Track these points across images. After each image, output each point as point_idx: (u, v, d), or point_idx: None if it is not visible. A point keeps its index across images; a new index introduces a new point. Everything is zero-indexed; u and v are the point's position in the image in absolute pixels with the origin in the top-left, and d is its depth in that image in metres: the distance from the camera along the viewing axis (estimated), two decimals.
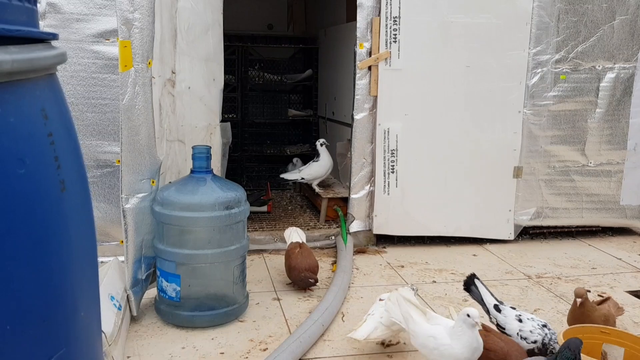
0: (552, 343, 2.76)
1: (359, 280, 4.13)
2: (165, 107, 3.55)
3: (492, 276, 4.21)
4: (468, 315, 2.53)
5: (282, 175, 5.61)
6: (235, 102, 6.50)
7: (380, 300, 3.18)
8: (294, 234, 4.22)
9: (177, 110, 3.75)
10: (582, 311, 3.01)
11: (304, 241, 4.14)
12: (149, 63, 3.28)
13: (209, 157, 3.33)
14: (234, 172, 6.38)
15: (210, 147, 3.38)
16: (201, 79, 4.04)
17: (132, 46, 3.18)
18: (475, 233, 4.96)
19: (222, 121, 4.46)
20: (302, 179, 5.49)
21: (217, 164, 4.39)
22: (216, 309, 3.31)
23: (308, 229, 5.04)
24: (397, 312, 2.80)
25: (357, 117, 4.71)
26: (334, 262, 4.43)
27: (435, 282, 4.12)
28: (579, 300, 2.99)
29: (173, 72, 3.65)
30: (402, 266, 4.43)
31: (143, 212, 3.33)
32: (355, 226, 4.90)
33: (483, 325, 2.91)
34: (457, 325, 2.58)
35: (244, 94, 6.54)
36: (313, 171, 5.47)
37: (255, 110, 6.77)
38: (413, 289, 3.27)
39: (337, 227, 5.03)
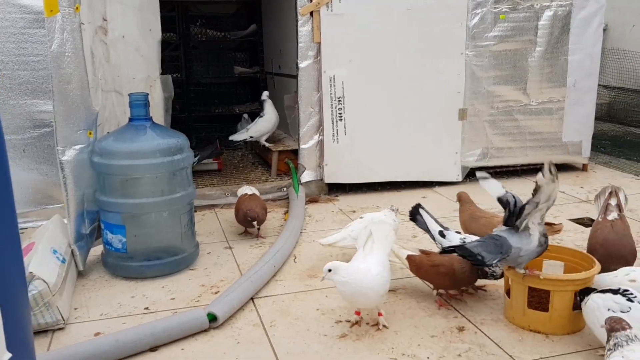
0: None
1: (311, 226, 4.14)
2: (98, 56, 3.42)
3: (440, 215, 4.24)
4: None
5: (230, 138, 5.49)
6: (179, 61, 6.33)
7: (361, 218, 3.39)
8: (247, 189, 4.21)
9: (112, 60, 3.62)
10: (466, 215, 3.41)
11: (257, 194, 4.13)
12: (77, 8, 3.14)
13: (147, 104, 3.24)
14: (184, 133, 6.24)
15: (148, 94, 3.28)
16: (136, 29, 3.90)
17: None
18: (425, 177, 5.03)
19: (162, 74, 4.34)
20: (251, 137, 5.40)
21: (159, 118, 4.28)
22: (165, 258, 3.26)
23: (259, 183, 5.01)
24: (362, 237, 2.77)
25: (301, 65, 4.66)
26: (287, 212, 4.42)
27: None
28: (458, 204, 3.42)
29: (104, 20, 3.51)
30: (354, 211, 4.46)
31: (82, 164, 3.23)
32: (306, 176, 4.89)
33: (421, 250, 2.97)
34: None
35: (187, 52, 6.37)
36: (260, 127, 5.39)
37: (200, 69, 6.62)
38: (393, 210, 3.40)
39: (289, 179, 5.01)
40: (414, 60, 4.76)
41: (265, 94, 5.44)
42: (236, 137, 5.47)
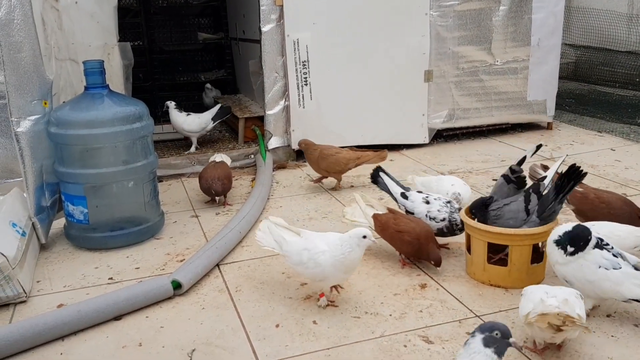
0: (454, 217, 2.87)
1: (279, 192, 4.14)
2: (49, 23, 3.31)
3: (407, 176, 4.30)
4: (364, 237, 2.38)
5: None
6: (140, 28, 6.15)
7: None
8: (217, 157, 4.16)
9: (65, 27, 3.51)
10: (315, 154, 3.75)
11: (227, 162, 4.09)
12: None
13: (102, 72, 3.15)
14: (147, 102, 6.05)
15: (103, 61, 3.19)
16: None
17: None
18: (392, 140, 5.03)
19: (121, 41, 4.22)
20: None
21: (119, 87, 4.20)
22: (129, 228, 3.23)
23: (227, 151, 4.96)
24: (269, 240, 2.59)
25: (264, 29, 4.58)
26: (254, 179, 4.40)
27: (352, 186, 4.18)
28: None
29: None
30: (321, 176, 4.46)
31: (38, 135, 3.15)
32: (273, 142, 4.86)
33: (389, 209, 2.99)
34: (349, 241, 2.40)
35: (148, 19, 6.19)
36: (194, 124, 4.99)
37: (163, 36, 6.44)
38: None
39: (257, 146, 4.97)
40: (379, 22, 4.71)
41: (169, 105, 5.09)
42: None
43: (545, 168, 3.25)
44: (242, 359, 2.19)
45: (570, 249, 2.25)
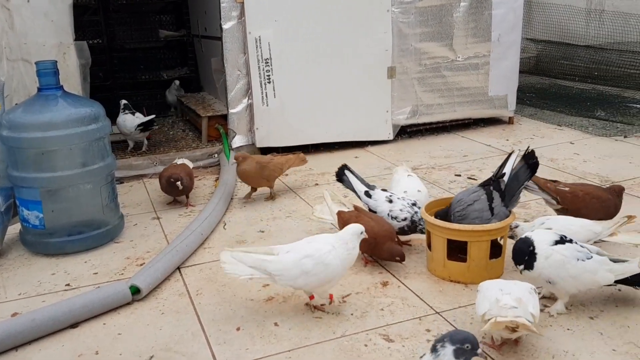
0: (418, 220, 2.89)
1: (243, 191, 4.09)
2: (0, 23, 3.20)
3: (371, 173, 4.32)
4: (362, 233, 2.45)
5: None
6: (99, 26, 6.02)
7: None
8: (179, 161, 4.11)
9: (17, 26, 3.40)
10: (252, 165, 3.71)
11: (190, 166, 4.05)
12: None
13: (56, 72, 3.07)
14: (108, 101, 5.94)
15: (56, 62, 3.10)
16: None
17: None
18: (357, 137, 5.04)
19: (77, 40, 4.11)
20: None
21: (77, 87, 4.09)
22: (87, 233, 3.16)
23: (189, 150, 4.91)
24: (242, 268, 2.36)
25: (225, 26, 4.53)
26: (217, 179, 4.36)
27: (317, 184, 4.17)
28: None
29: None
30: (287, 174, 4.43)
31: None
32: (237, 141, 4.82)
33: (355, 207, 2.99)
34: (352, 238, 2.42)
35: (107, 17, 6.07)
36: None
37: (124, 34, 6.32)
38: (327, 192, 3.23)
39: (220, 145, 4.92)
40: (341, 18, 4.70)
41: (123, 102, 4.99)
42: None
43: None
44: None
45: (519, 267, 2.33)
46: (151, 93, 6.35)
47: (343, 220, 2.91)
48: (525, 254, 2.31)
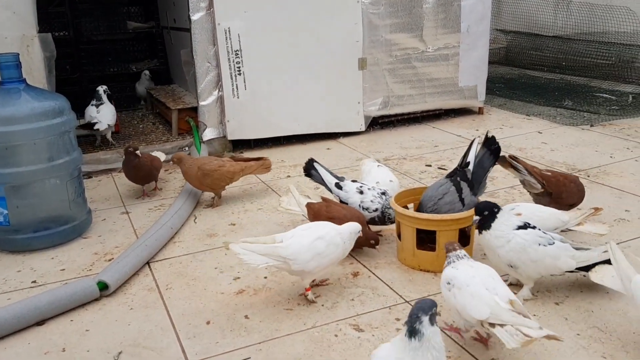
0: (388, 211, 2.90)
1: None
2: None
3: (343, 164, 4.34)
4: (359, 232, 2.53)
5: (96, 127, 4.62)
6: (65, 18, 5.88)
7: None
8: (156, 152, 4.07)
9: None
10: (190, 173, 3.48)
11: (161, 158, 4.01)
12: None
13: (18, 65, 3.00)
14: (76, 95, 5.84)
15: (18, 54, 3.02)
16: None
17: None
18: (329, 128, 5.04)
19: (41, 32, 4.02)
20: (109, 125, 4.67)
21: (42, 80, 4.00)
22: (54, 228, 3.10)
23: (160, 144, 4.85)
24: (256, 257, 2.34)
25: (194, 17, 4.47)
26: None
27: (289, 176, 4.16)
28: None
29: None
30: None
31: None
32: (208, 134, 4.77)
33: (323, 198, 3.00)
34: (350, 236, 2.50)
35: (73, 8, 5.93)
36: (112, 116, 4.72)
37: (90, 26, 6.19)
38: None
39: (191, 138, 4.87)
40: (312, 10, 4.68)
41: (103, 88, 4.87)
42: (99, 125, 4.64)
43: (515, 158, 3.27)
44: (171, 359, 2.15)
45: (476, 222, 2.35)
46: (120, 86, 6.24)
47: (313, 211, 2.92)
48: (487, 211, 2.33)
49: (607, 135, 4.77)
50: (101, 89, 4.87)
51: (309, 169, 3.20)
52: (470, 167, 2.75)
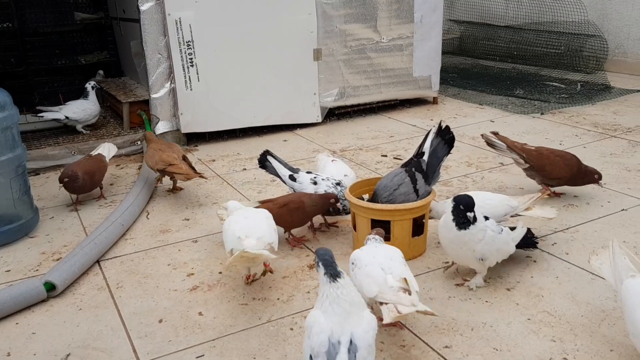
0: (342, 200, 2.90)
1: (167, 179, 3.98)
2: None
3: (300, 156, 4.31)
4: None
5: (41, 114, 4.66)
6: (9, 9, 5.64)
7: None
8: (103, 147, 3.87)
9: None
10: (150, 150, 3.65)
11: (108, 155, 3.82)
12: None
13: None
14: (22, 89, 5.67)
15: None
16: None
17: None
18: (286, 120, 5.00)
19: None
20: (67, 118, 4.69)
21: None
22: None
23: (111, 138, 4.71)
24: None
25: (143, 7, 4.35)
26: (140, 167, 4.21)
27: (245, 169, 4.11)
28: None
29: None
30: (214, 160, 4.36)
31: None
32: (161, 127, 4.67)
33: (262, 201, 2.90)
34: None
35: None
36: (80, 111, 4.76)
37: (36, 17, 5.94)
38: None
39: (143, 131, 4.75)
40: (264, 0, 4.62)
41: (92, 83, 4.92)
42: (48, 115, 4.69)
43: (495, 134, 3.35)
44: None
45: (468, 215, 2.29)
46: (69, 79, 6.04)
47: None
48: (470, 210, 2.29)
49: (557, 122, 4.89)
50: (89, 85, 4.90)
51: (264, 161, 3.16)
52: (425, 157, 2.77)
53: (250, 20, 4.62)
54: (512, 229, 2.50)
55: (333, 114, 5.26)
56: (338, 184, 2.97)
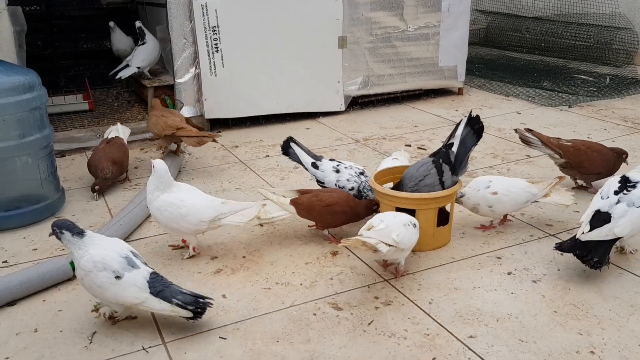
0: (365, 190, 2.87)
1: (191, 164, 4.00)
2: None
3: (323, 144, 4.30)
4: None
5: (119, 75, 4.92)
6: None
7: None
8: (114, 131, 3.90)
9: None
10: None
11: (124, 136, 3.84)
12: None
13: None
14: (49, 73, 5.69)
15: None
16: None
17: None
18: (309, 108, 4.98)
19: (11, 5, 3.88)
20: (139, 68, 4.88)
21: (11, 55, 3.87)
22: (25, 208, 3.02)
23: (135, 122, 4.75)
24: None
25: None
26: (164, 151, 4.23)
27: (268, 156, 4.11)
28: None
29: None
30: (237, 146, 4.37)
31: None
32: (185, 112, 4.67)
33: (300, 191, 2.84)
34: None
35: None
36: (145, 55, 4.92)
37: (63, 0, 6.00)
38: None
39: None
40: None
41: (137, 26, 5.06)
42: (124, 73, 4.90)
43: (529, 130, 3.27)
44: (144, 340, 2.11)
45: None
46: (94, 63, 6.09)
47: (303, 205, 2.71)
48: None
49: (585, 116, 4.80)
50: (138, 29, 5.03)
51: (287, 148, 3.15)
52: (454, 148, 2.72)
53: (275, 6, 4.59)
54: None
55: (356, 103, 5.23)
56: (362, 173, 2.95)
